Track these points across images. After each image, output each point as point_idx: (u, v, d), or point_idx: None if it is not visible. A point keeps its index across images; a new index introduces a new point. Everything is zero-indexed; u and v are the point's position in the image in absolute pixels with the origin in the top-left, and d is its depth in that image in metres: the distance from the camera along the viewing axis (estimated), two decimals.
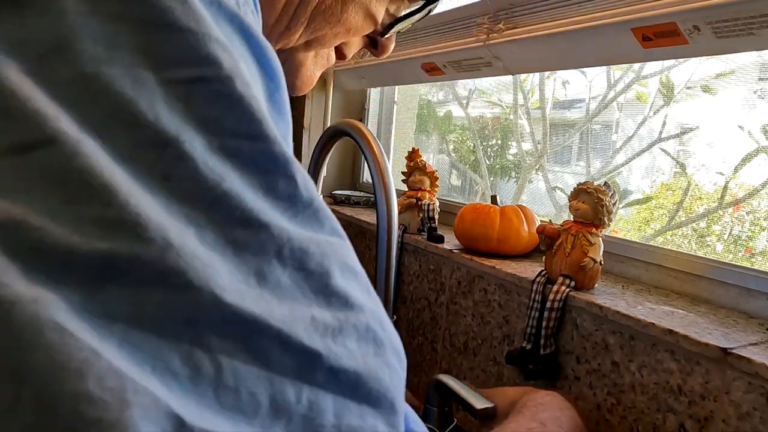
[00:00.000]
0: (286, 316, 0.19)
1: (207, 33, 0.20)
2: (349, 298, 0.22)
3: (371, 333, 0.23)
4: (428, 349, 0.82)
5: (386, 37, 0.44)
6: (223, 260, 0.19)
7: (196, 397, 0.16)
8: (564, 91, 1.04)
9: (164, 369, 0.16)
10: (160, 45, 0.20)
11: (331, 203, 1.17)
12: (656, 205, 0.88)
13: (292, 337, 0.19)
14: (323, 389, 0.20)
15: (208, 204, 0.19)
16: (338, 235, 0.24)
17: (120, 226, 0.17)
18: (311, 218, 0.23)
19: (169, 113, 0.19)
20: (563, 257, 0.60)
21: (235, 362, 0.18)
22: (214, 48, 0.20)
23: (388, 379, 0.22)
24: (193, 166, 0.19)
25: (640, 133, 0.89)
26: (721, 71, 0.74)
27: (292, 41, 0.37)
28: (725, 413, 0.46)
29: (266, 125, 0.21)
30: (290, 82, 0.41)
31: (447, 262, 0.79)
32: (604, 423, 0.56)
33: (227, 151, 0.20)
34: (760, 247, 0.74)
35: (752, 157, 0.71)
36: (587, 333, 0.58)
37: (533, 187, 1.06)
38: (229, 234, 0.19)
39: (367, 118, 1.30)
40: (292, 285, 0.20)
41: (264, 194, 0.21)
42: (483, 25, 0.76)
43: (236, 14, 0.23)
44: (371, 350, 0.22)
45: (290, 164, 0.22)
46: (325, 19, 0.36)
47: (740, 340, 0.48)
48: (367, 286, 0.25)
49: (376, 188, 0.72)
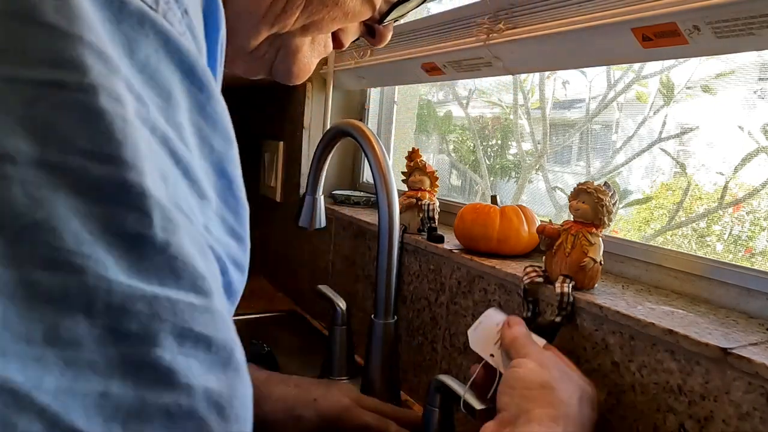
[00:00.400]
0: (62, 389, 0.16)
1: (79, 35, 0.17)
2: (173, 375, 0.18)
3: (195, 421, 0.18)
4: (428, 349, 0.82)
5: (384, 25, 0.43)
6: (4, 306, 0.15)
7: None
8: (564, 91, 1.04)
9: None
10: (19, 40, 0.17)
11: (331, 203, 1.17)
12: (656, 205, 0.88)
13: (60, 417, 0.15)
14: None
15: (12, 234, 0.16)
16: (200, 293, 0.20)
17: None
18: (162, 267, 0.19)
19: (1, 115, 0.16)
20: (563, 257, 0.60)
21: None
22: (81, 52, 0.18)
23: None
24: (4, 184, 0.16)
25: (640, 133, 0.89)
26: (721, 71, 0.74)
27: (288, 25, 0.36)
28: (725, 413, 0.46)
29: (128, 149, 0.18)
30: (286, 68, 0.40)
31: (447, 262, 0.79)
32: (604, 423, 0.56)
33: (62, 171, 0.17)
34: (760, 247, 0.74)
35: (752, 157, 0.71)
36: (587, 333, 0.58)
37: (533, 187, 1.07)
38: (26, 275, 0.16)
39: (367, 118, 1.30)
40: (93, 349, 0.16)
41: (99, 231, 0.17)
42: (483, 25, 0.76)
43: (146, 15, 0.20)
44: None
45: (148, 198, 0.18)
46: (322, 1, 0.36)
47: (740, 340, 0.48)
48: (224, 361, 0.20)
49: (378, 188, 0.72)
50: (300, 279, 1.27)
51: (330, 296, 0.87)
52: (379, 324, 0.73)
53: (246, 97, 1.58)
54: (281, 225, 1.38)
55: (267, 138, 1.42)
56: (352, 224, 1.05)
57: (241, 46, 0.37)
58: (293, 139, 1.29)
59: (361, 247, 1.01)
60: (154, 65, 0.20)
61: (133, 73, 0.19)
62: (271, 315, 1.19)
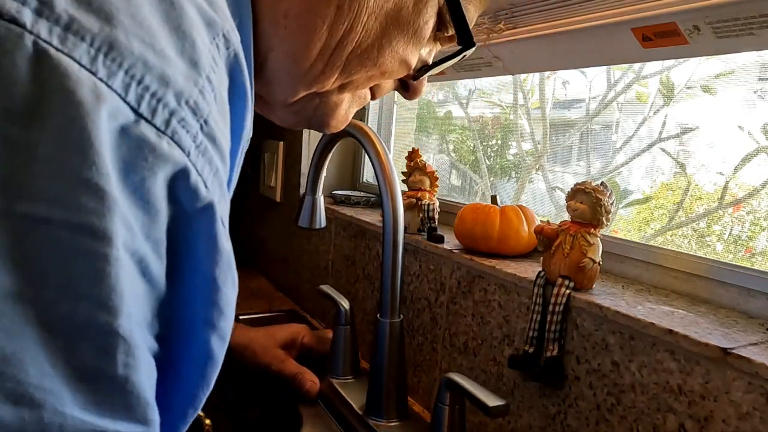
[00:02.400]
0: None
1: (79, 173, 0.17)
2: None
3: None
4: (428, 349, 0.82)
5: (418, 81, 0.43)
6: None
7: None
8: (564, 91, 1.04)
9: None
10: (20, 172, 0.17)
11: (331, 203, 1.17)
12: (656, 205, 0.88)
13: None
14: None
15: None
16: (148, 424, 0.21)
17: None
18: (117, 402, 0.19)
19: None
20: (562, 258, 0.60)
21: None
22: (79, 191, 0.17)
23: None
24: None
25: (640, 133, 0.89)
26: (721, 71, 0.74)
27: (327, 85, 0.36)
28: (725, 413, 0.46)
29: (107, 291, 0.19)
30: (325, 122, 0.40)
31: (447, 262, 0.79)
32: (604, 423, 0.56)
33: (39, 306, 0.17)
34: (760, 247, 0.74)
35: (752, 157, 0.71)
36: (587, 333, 0.58)
37: (533, 187, 1.06)
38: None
39: (367, 118, 1.30)
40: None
41: (62, 364, 0.18)
42: (483, 25, 0.76)
43: (147, 141, 0.20)
44: None
45: (116, 338, 0.19)
46: (360, 63, 0.36)
47: (740, 340, 0.48)
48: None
49: (381, 188, 0.72)
50: (300, 279, 1.27)
51: (333, 296, 0.87)
52: (385, 323, 0.73)
53: None
54: (281, 225, 1.38)
55: (267, 138, 1.42)
56: (352, 224, 1.05)
57: (279, 101, 0.37)
58: (293, 139, 1.29)
59: (361, 247, 1.01)
60: (148, 186, 0.20)
61: (125, 195, 0.19)
62: (271, 315, 1.19)
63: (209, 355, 0.25)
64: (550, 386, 0.62)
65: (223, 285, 0.25)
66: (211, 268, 0.24)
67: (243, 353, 0.85)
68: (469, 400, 0.57)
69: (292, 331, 0.91)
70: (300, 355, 0.90)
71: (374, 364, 0.75)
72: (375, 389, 0.75)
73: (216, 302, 0.25)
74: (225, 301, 0.25)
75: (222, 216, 0.24)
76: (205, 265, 0.24)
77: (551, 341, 0.60)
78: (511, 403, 0.67)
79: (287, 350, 0.88)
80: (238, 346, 0.85)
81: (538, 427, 0.64)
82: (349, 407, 0.79)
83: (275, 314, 1.20)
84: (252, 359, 0.85)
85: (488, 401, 0.54)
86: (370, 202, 1.16)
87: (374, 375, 0.75)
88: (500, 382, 0.69)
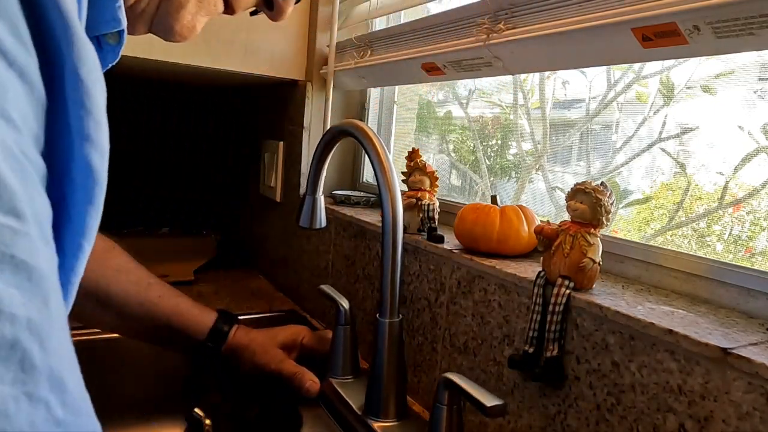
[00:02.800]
0: None
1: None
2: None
3: (18, 352, 0.18)
4: (428, 349, 0.82)
5: (284, 0, 0.39)
6: None
7: None
8: (564, 91, 1.04)
9: None
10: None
11: (331, 203, 1.17)
12: (656, 205, 0.88)
13: None
14: None
15: None
16: (18, 216, 0.19)
17: None
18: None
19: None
20: (562, 258, 0.60)
21: None
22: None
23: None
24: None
25: (640, 133, 0.89)
26: (721, 71, 0.74)
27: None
28: (725, 413, 0.46)
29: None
30: (167, 24, 0.36)
31: (447, 262, 0.79)
32: (604, 423, 0.56)
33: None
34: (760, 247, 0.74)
35: (752, 157, 0.71)
36: (587, 333, 0.58)
37: (533, 187, 1.06)
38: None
39: (367, 118, 1.30)
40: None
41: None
42: (483, 25, 0.76)
43: None
44: None
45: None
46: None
47: (740, 340, 0.47)
48: (44, 294, 0.19)
49: (381, 188, 0.72)
50: (300, 279, 1.27)
51: (333, 296, 0.87)
52: (384, 323, 0.73)
53: (246, 97, 1.58)
54: (281, 225, 1.38)
55: (267, 138, 1.42)
56: (352, 224, 1.05)
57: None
58: (293, 139, 1.29)
59: (361, 247, 1.01)
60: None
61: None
62: (271, 315, 1.19)
63: (91, 172, 0.24)
64: (550, 386, 0.62)
65: (92, 87, 0.23)
66: (73, 61, 0.22)
67: (243, 353, 0.85)
68: (467, 400, 0.57)
69: (292, 331, 0.91)
70: (300, 355, 0.90)
71: (374, 364, 0.75)
72: (375, 389, 0.75)
73: (89, 110, 0.23)
74: (97, 108, 0.24)
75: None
76: (68, 58, 0.22)
77: (551, 341, 0.60)
78: (511, 403, 0.67)
79: (287, 351, 0.88)
80: (238, 347, 0.85)
81: (538, 427, 0.64)
82: (348, 407, 0.79)
83: (275, 314, 1.20)
84: (252, 359, 0.85)
85: (486, 401, 0.54)
86: (370, 202, 1.16)
87: (374, 375, 0.75)
88: (500, 382, 0.69)
